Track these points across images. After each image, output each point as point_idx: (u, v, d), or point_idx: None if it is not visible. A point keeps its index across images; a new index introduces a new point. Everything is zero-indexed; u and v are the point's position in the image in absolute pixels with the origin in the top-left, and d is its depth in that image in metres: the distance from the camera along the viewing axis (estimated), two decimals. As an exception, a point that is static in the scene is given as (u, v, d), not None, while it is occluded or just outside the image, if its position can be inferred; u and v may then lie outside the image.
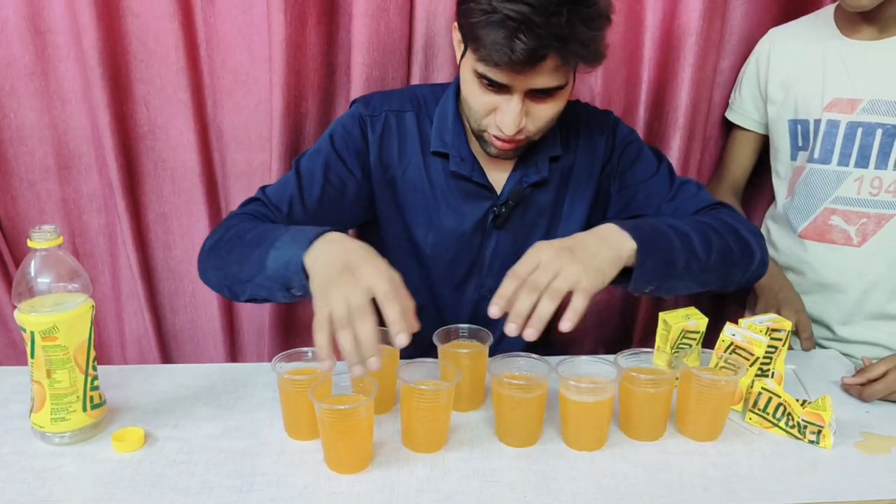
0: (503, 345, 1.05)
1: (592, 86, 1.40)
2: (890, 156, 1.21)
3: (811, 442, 0.94)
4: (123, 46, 1.29)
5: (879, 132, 1.21)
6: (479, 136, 1.09)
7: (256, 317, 1.51)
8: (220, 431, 0.94)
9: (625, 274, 0.92)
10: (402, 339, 0.79)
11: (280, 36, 1.26)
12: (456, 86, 1.14)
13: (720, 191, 1.47)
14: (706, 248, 0.98)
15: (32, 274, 0.87)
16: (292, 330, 1.49)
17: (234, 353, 1.52)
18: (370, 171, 1.16)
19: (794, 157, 1.33)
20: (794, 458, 0.91)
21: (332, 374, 0.89)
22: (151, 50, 1.30)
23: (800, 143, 1.31)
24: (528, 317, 0.84)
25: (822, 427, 0.92)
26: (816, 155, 1.27)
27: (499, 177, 1.17)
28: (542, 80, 0.98)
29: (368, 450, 0.88)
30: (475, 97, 1.04)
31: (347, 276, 0.81)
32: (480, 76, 1.00)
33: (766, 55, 1.34)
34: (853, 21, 1.23)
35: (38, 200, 1.38)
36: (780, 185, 1.38)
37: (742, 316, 1.24)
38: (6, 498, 0.81)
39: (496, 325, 1.15)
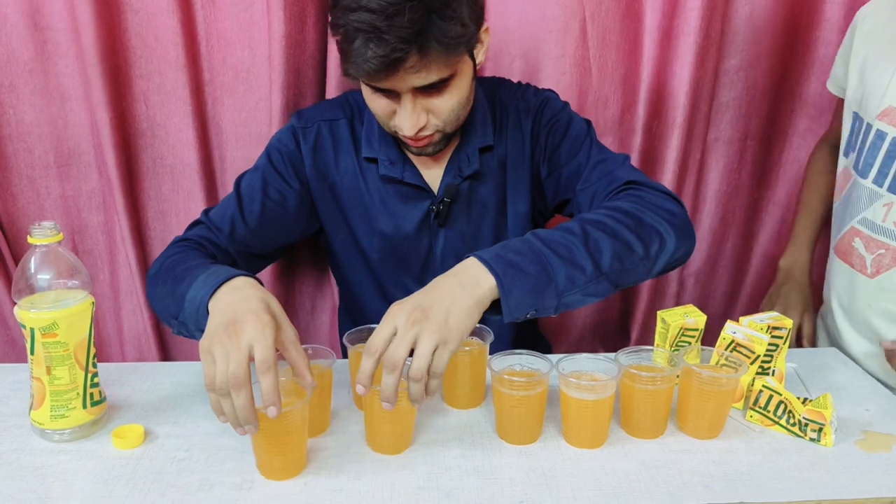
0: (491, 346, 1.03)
1: (589, 84, 1.40)
2: None
3: (812, 440, 0.94)
4: (123, 43, 1.29)
5: None
6: (397, 139, 1.10)
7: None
8: (219, 429, 0.94)
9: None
10: (271, 412, 0.78)
11: (280, 33, 1.25)
12: None
13: (821, 145, 1.40)
14: (593, 255, 0.91)
15: (32, 270, 0.86)
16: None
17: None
18: (308, 181, 1.16)
19: (846, 154, 1.23)
20: (795, 456, 0.91)
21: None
22: (151, 47, 1.29)
23: (853, 141, 1.20)
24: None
25: (823, 425, 0.92)
26: (860, 165, 1.16)
27: (434, 175, 1.16)
28: (418, 78, 0.97)
29: (302, 455, 0.87)
30: (373, 103, 1.05)
31: (231, 331, 0.79)
32: (365, 84, 1.01)
33: (852, 30, 1.21)
34: None
35: (37, 197, 1.38)
36: (837, 183, 1.27)
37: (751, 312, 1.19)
38: (5, 495, 0.81)
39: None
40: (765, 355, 0.99)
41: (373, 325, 0.99)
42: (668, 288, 1.56)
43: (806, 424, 0.93)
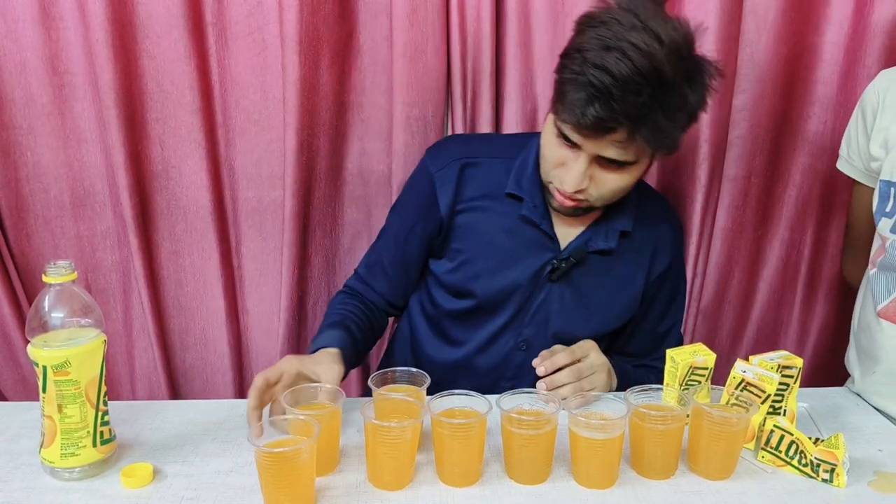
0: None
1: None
2: None
3: (824, 480, 0.93)
4: (139, 87, 1.32)
5: None
6: (546, 187, 1.14)
7: (266, 354, 1.51)
8: (228, 468, 0.94)
9: None
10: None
11: (294, 76, 1.29)
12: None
13: (848, 257, 1.38)
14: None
15: (46, 309, 0.88)
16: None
17: (242, 390, 1.52)
18: (441, 222, 1.20)
19: (876, 221, 1.18)
20: (807, 497, 0.90)
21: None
22: (167, 91, 1.33)
23: (886, 209, 1.15)
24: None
25: (836, 465, 0.91)
26: None
27: (567, 233, 1.19)
28: (610, 150, 1.02)
29: (310, 495, 0.87)
30: (549, 147, 1.09)
31: None
32: (558, 128, 1.05)
33: (871, 108, 1.19)
34: None
35: (52, 237, 1.40)
36: (872, 252, 1.23)
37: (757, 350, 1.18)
38: (14, 534, 0.81)
39: (525, 372, 1.22)
40: (775, 395, 0.98)
41: (398, 369, 1.01)
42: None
43: (818, 465, 0.93)
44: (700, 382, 1.02)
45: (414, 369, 1.01)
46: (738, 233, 1.53)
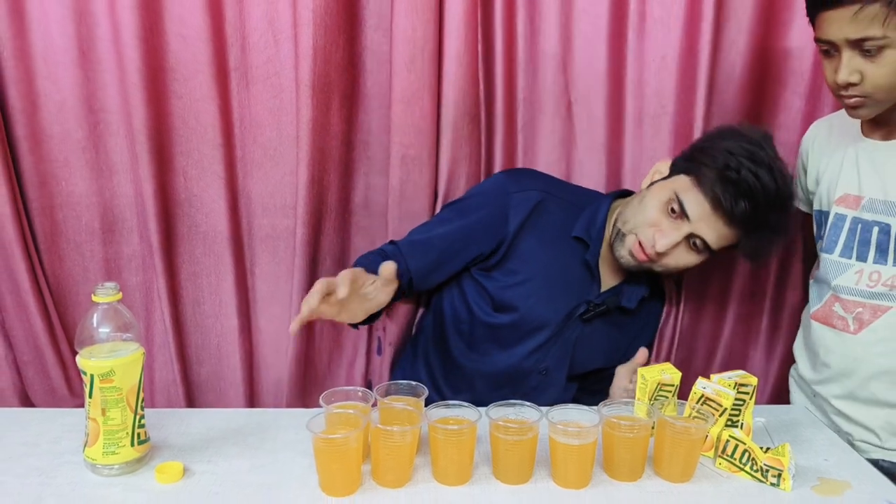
0: None
1: (575, 158, 1.56)
2: (888, 252, 1.23)
3: (773, 484, 1.05)
4: (168, 125, 1.46)
5: (875, 229, 1.25)
6: (621, 238, 1.28)
7: (275, 370, 1.62)
8: (248, 467, 1.06)
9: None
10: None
11: (307, 117, 1.42)
12: (610, 202, 1.35)
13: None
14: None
15: (95, 325, 1.00)
16: (309, 381, 1.61)
17: (252, 401, 1.63)
18: (502, 240, 1.32)
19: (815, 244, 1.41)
20: (758, 499, 1.03)
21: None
22: (192, 128, 1.46)
23: (820, 233, 1.36)
24: None
25: (782, 471, 1.04)
26: (825, 244, 1.33)
27: (606, 283, 1.36)
28: (711, 234, 1.20)
29: (357, 476, 1.01)
30: (652, 211, 1.23)
31: None
32: (678, 199, 1.20)
33: (805, 152, 1.42)
34: (869, 121, 1.28)
35: (82, 260, 1.52)
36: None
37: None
38: (64, 521, 0.93)
39: (538, 394, 1.39)
40: (732, 409, 1.11)
41: (401, 382, 1.13)
42: (661, 347, 1.67)
43: (767, 471, 1.05)
44: (667, 397, 1.15)
45: (414, 382, 1.13)
46: (709, 260, 1.65)
